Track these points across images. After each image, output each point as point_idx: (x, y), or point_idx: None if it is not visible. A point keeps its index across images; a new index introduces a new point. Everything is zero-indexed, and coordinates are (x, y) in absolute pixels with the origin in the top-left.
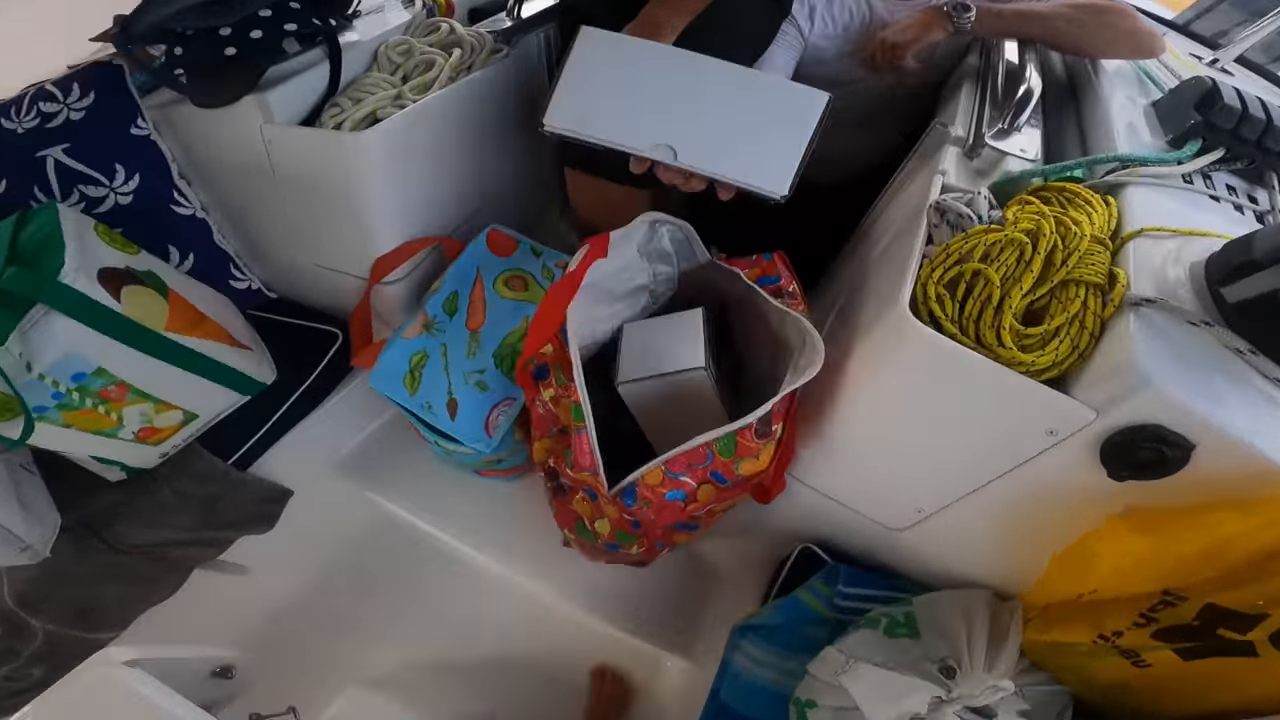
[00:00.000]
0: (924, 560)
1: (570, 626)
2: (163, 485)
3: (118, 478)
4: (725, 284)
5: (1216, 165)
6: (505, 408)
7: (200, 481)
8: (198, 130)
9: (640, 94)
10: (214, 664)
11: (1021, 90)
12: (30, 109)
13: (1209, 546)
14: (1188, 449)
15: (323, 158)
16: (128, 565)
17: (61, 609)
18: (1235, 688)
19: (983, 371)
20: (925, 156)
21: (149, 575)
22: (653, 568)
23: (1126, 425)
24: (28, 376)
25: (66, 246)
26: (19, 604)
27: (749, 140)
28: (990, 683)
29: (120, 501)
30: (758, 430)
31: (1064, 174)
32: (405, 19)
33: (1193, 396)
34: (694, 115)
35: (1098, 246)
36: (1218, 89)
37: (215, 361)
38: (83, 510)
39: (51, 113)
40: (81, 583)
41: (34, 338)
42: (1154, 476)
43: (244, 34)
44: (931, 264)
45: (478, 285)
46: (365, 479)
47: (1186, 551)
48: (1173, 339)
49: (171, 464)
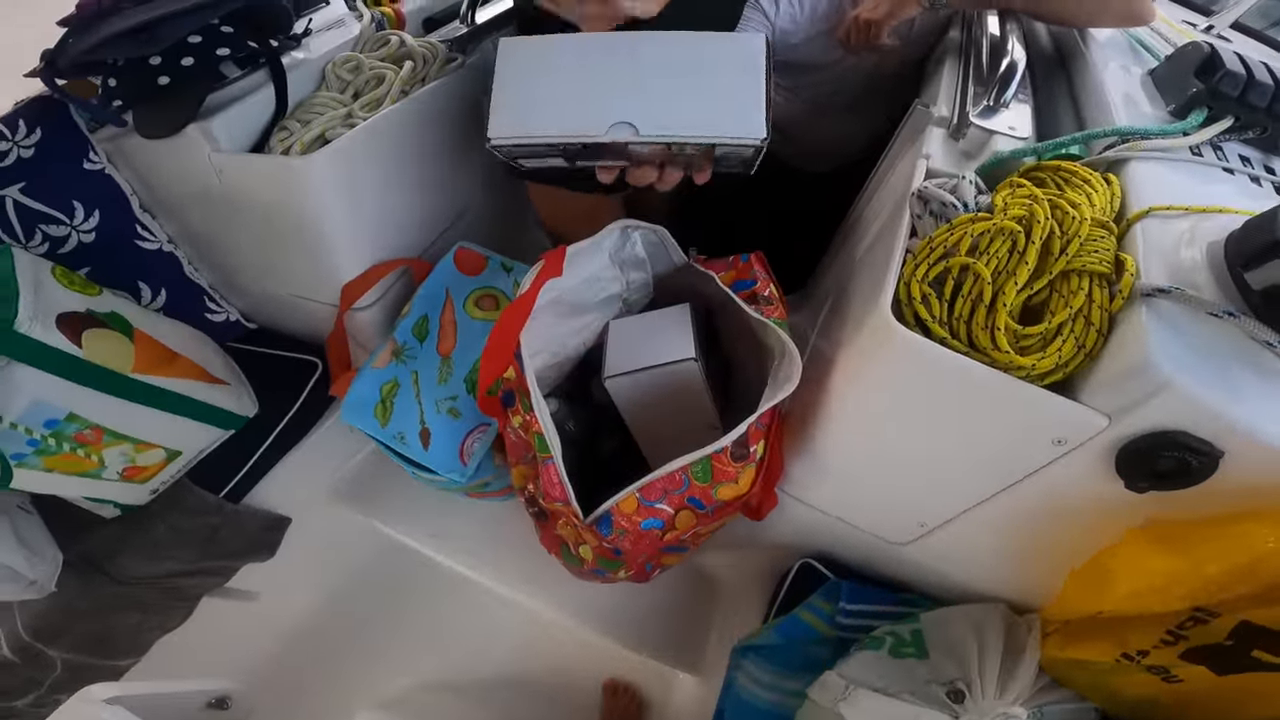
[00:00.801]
0: (931, 574)
1: (575, 644)
2: (156, 520)
3: (113, 514)
4: (703, 287)
5: (1226, 135)
6: (479, 435)
7: (193, 515)
8: (150, 162)
9: (581, 84)
10: (209, 696)
11: (1005, 63)
12: None
13: (1240, 563)
14: (1215, 456)
15: (274, 184)
16: (134, 596)
17: (76, 639)
18: (1273, 703)
19: (977, 378)
20: (909, 140)
21: (157, 604)
22: (654, 583)
23: (1144, 432)
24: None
25: (20, 294)
26: (34, 637)
27: (707, 97)
28: (1001, 710)
29: (117, 536)
30: (734, 454)
31: (1059, 152)
32: (353, 34)
33: (1219, 397)
34: (642, 88)
35: (1100, 231)
36: (1218, 54)
37: (190, 399)
38: (84, 545)
39: (2, 151)
40: (91, 614)
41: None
42: (1178, 487)
43: (175, 61)
44: (915, 260)
45: (447, 307)
46: (362, 503)
47: (1213, 571)
48: (1192, 333)
49: (164, 499)
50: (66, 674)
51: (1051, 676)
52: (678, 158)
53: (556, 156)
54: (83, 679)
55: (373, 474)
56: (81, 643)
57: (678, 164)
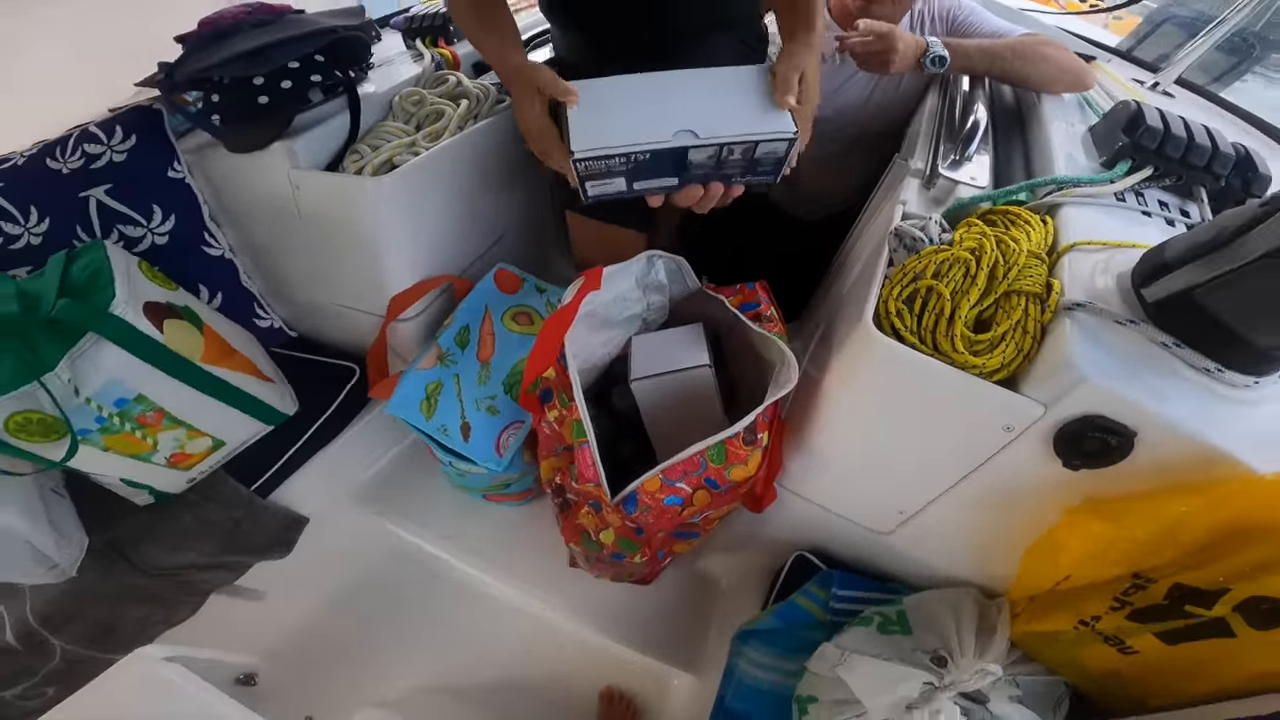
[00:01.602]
0: (911, 562)
1: (578, 647)
2: (186, 510)
3: (145, 502)
4: (712, 312)
5: (1147, 183)
6: (514, 430)
7: (224, 507)
8: (229, 174)
9: (642, 106)
10: (238, 670)
11: (969, 124)
12: (75, 150)
13: (1162, 529)
14: (1130, 436)
15: (345, 201)
16: (149, 587)
17: (82, 629)
18: (1219, 670)
19: (941, 375)
20: (890, 189)
21: (169, 598)
22: (656, 585)
23: (1073, 417)
24: (75, 401)
25: (116, 281)
26: (42, 623)
27: (745, 109)
28: (979, 667)
29: (146, 524)
30: (745, 438)
31: (1008, 198)
32: (416, 71)
33: (1127, 387)
34: (693, 106)
35: (1035, 260)
36: (1142, 112)
37: (244, 392)
38: (110, 532)
39: (95, 154)
40: (104, 603)
41: (82, 365)
42: (1103, 464)
43: (275, 84)
44: (891, 283)
45: (486, 320)
46: (379, 506)
47: (1142, 535)
48: (1104, 338)
49: (197, 490)
50: (63, 665)
51: (1024, 651)
52: (723, 166)
53: (620, 176)
54: (78, 673)
55: (392, 479)
56: (87, 633)
57: (723, 175)
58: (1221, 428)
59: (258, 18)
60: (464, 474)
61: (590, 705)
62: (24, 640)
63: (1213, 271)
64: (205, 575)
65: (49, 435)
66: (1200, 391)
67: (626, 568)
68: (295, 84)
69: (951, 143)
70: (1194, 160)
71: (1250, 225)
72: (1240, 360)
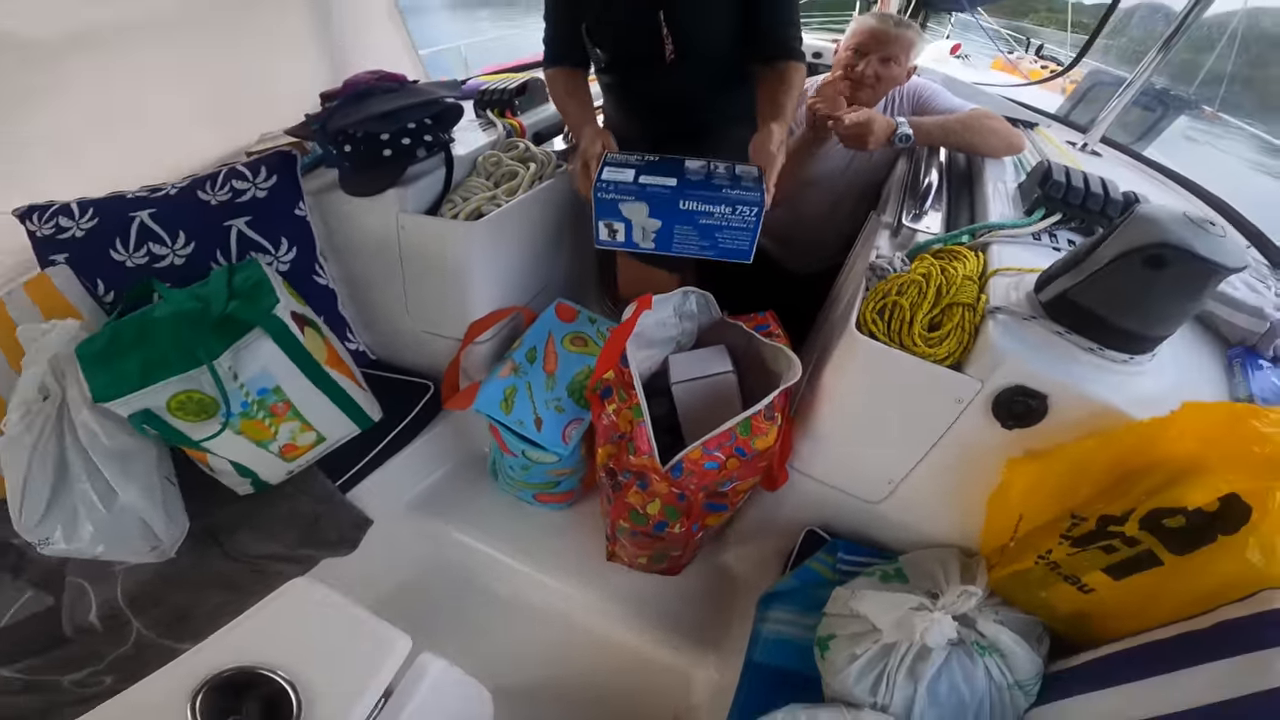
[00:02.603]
0: (901, 529)
1: (612, 641)
2: (282, 501)
3: (246, 491)
4: (731, 338)
5: (1059, 225)
6: (576, 424)
7: (312, 501)
8: (341, 214)
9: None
10: None
11: (925, 184)
12: (224, 184)
13: (1076, 464)
14: (1043, 399)
15: (443, 240)
16: (232, 575)
17: (162, 613)
18: (1162, 598)
19: (906, 362)
20: (867, 239)
21: (245, 586)
22: (683, 577)
23: (1001, 388)
24: (232, 385)
25: (276, 290)
26: (129, 603)
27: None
28: (961, 589)
29: (244, 513)
30: (765, 414)
31: (953, 239)
32: (493, 137)
33: (1035, 363)
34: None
35: (969, 282)
36: (1050, 170)
37: (348, 395)
38: (209, 518)
39: (241, 190)
40: (189, 587)
41: (244, 355)
42: (1029, 424)
43: (398, 140)
44: (867, 301)
45: (550, 342)
46: (434, 512)
47: (1062, 470)
48: (1017, 331)
49: (292, 482)
50: (133, 651)
51: (1002, 597)
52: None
53: (622, 223)
54: (143, 660)
55: (447, 489)
56: (164, 617)
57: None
58: (1108, 390)
59: (386, 84)
60: (526, 468)
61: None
62: (106, 621)
63: (1080, 276)
64: (280, 566)
65: (200, 415)
66: (1089, 366)
67: (666, 540)
68: (411, 142)
69: (913, 200)
70: (1090, 205)
71: (1102, 240)
72: (1112, 340)
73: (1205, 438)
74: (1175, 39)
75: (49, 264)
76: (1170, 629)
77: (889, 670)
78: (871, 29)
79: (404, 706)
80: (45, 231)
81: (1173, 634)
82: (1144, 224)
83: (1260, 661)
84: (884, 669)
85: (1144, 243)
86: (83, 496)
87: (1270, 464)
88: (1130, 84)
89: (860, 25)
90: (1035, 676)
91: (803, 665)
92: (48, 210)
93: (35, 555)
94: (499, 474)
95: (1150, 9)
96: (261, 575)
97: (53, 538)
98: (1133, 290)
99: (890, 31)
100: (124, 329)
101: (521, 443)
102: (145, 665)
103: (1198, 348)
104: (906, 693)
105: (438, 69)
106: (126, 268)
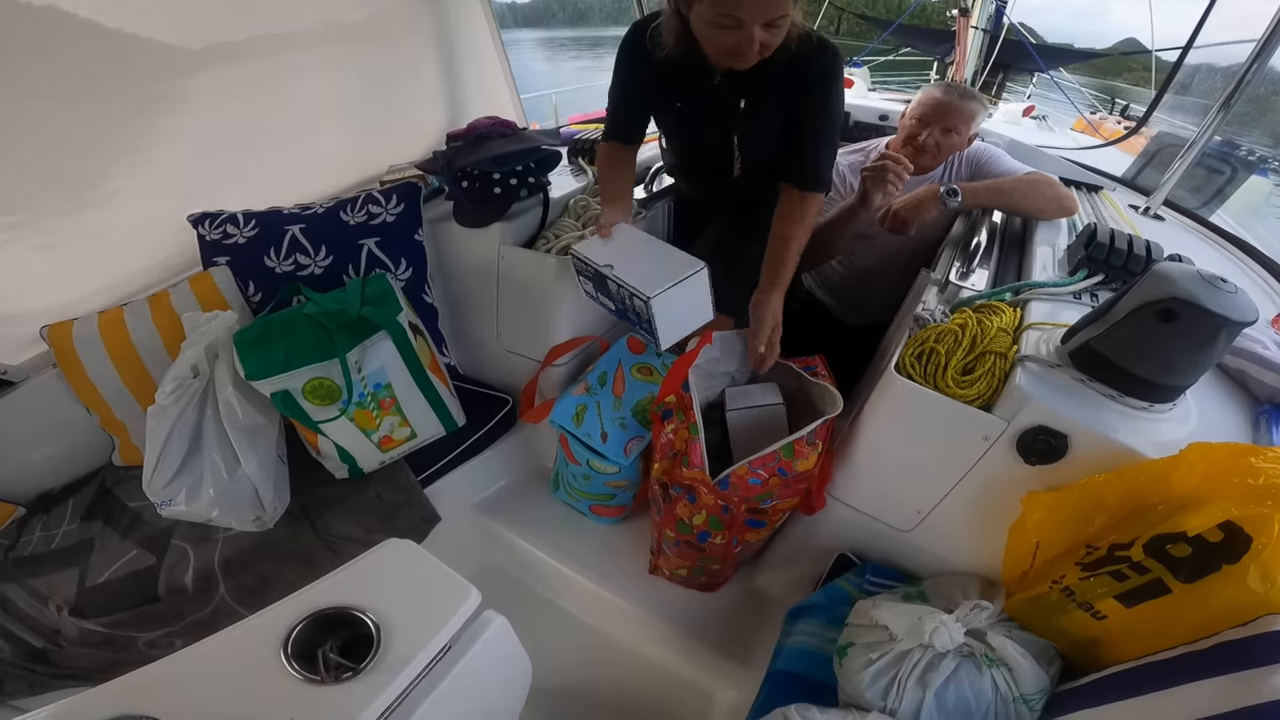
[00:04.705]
0: (928, 556)
1: (642, 652)
2: (371, 488)
3: (343, 475)
4: (781, 378)
5: (1100, 286)
6: (637, 441)
7: (399, 490)
8: (450, 242)
9: (627, 252)
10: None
11: (974, 244)
12: (362, 208)
13: (1091, 496)
14: (1064, 439)
15: (536, 271)
16: (313, 551)
17: (247, 580)
18: (1171, 625)
19: (939, 402)
20: (915, 294)
21: (320, 563)
22: (719, 595)
23: (1025, 427)
24: (356, 376)
25: (399, 301)
26: (222, 567)
27: (659, 276)
28: (974, 604)
29: (337, 495)
30: (807, 440)
31: (996, 295)
32: (583, 183)
33: (1058, 406)
34: (642, 264)
35: (1003, 334)
36: (1096, 232)
37: (441, 399)
38: (308, 497)
39: (375, 213)
40: (277, 559)
41: (369, 352)
42: (1050, 461)
43: (507, 180)
44: (907, 347)
45: (619, 369)
46: (495, 516)
47: (1078, 500)
48: (1043, 377)
49: (383, 472)
50: (208, 617)
51: (1019, 622)
52: (624, 307)
53: (589, 281)
54: (214, 626)
55: (508, 498)
56: (248, 585)
57: (629, 316)
58: (1125, 434)
59: (500, 129)
60: (588, 477)
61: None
62: (198, 583)
63: (1101, 328)
64: (354, 548)
65: (326, 400)
66: (1109, 412)
67: (706, 551)
68: (517, 182)
69: (963, 259)
70: (1132, 266)
71: (1123, 294)
72: (1131, 388)
73: (1207, 473)
74: (1235, 97)
75: (211, 264)
76: (1172, 650)
77: (901, 676)
78: (937, 101)
79: (464, 653)
80: (213, 236)
81: (1173, 654)
82: (1158, 280)
83: (1256, 678)
84: (896, 675)
85: (1157, 297)
86: (210, 463)
87: (1263, 493)
88: (1192, 145)
89: (926, 96)
90: (1040, 692)
91: (822, 674)
92: (218, 218)
93: (149, 517)
94: (560, 484)
95: (1239, 66)
96: (335, 554)
97: (176, 499)
98: (1147, 341)
99: (954, 104)
100: (273, 323)
101: (587, 452)
102: (213, 631)
103: (1226, 401)
104: (915, 698)
105: (532, 113)
106: (275, 273)
